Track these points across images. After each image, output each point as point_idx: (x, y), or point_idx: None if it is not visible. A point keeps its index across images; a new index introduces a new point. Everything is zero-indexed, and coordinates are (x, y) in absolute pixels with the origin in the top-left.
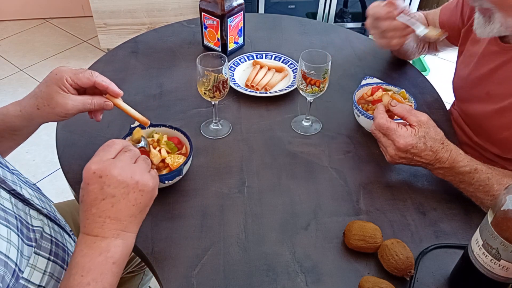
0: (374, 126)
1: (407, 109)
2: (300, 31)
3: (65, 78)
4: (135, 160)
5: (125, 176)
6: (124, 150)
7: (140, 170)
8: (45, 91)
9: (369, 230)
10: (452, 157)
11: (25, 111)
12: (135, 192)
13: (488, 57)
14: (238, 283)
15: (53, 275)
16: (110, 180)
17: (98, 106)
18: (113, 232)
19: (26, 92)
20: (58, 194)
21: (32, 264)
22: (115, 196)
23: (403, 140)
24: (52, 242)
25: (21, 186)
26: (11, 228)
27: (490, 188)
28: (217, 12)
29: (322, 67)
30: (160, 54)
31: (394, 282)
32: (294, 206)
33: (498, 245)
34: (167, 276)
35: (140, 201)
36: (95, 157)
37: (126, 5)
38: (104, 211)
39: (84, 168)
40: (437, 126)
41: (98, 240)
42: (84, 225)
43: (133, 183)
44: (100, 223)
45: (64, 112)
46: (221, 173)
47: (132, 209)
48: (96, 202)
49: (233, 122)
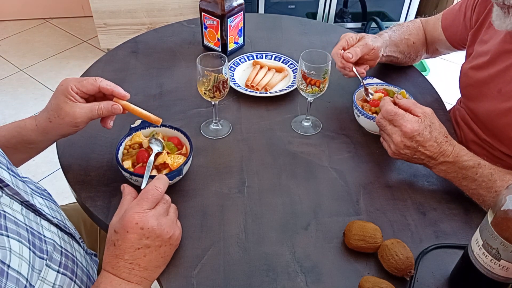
0: (380, 115)
1: (412, 102)
2: (300, 31)
3: (70, 87)
4: (167, 212)
5: (162, 231)
6: (163, 202)
7: (173, 223)
8: (54, 103)
9: (369, 230)
10: (456, 151)
11: (40, 125)
12: (166, 245)
13: (502, 55)
14: (238, 283)
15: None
16: (149, 233)
17: (106, 110)
18: (138, 279)
19: (26, 92)
20: (58, 194)
21: (42, 277)
22: (150, 247)
23: (410, 124)
24: (62, 254)
25: (32, 196)
26: (23, 243)
27: (493, 184)
28: (217, 12)
29: (322, 67)
30: (160, 54)
31: (394, 282)
32: (294, 206)
33: (498, 245)
34: (167, 276)
35: (167, 254)
36: (137, 207)
37: (126, 5)
38: (136, 259)
39: (125, 215)
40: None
41: (123, 283)
42: (112, 267)
43: (167, 238)
44: (129, 268)
45: (73, 121)
46: (221, 173)
47: (160, 261)
48: (131, 250)
49: (233, 122)
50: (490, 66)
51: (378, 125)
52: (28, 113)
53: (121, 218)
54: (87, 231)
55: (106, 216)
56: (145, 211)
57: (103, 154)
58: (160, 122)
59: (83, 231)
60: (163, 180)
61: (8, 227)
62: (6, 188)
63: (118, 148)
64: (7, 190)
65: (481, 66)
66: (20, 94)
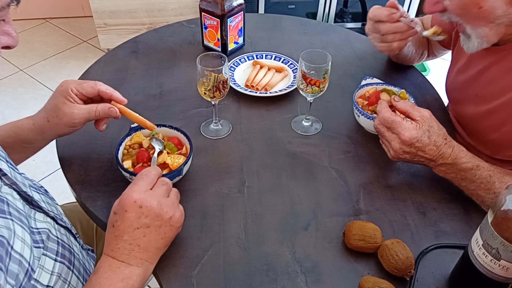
0: (377, 121)
1: (409, 104)
2: (300, 31)
3: (70, 88)
4: (168, 194)
5: (162, 210)
6: (162, 184)
7: (173, 205)
8: (53, 103)
9: (369, 230)
10: (455, 153)
11: (37, 124)
12: (167, 226)
13: (476, 58)
14: (238, 283)
15: (61, 275)
16: (148, 211)
17: (103, 112)
18: (138, 261)
19: (26, 92)
20: (58, 194)
21: (40, 265)
22: (149, 227)
23: (408, 133)
24: (58, 244)
25: (30, 188)
26: (25, 229)
27: (491, 186)
28: (217, 12)
29: (322, 67)
30: (160, 54)
31: (394, 282)
32: (294, 206)
33: (498, 245)
34: (167, 276)
35: (168, 235)
36: (135, 186)
37: (126, 5)
38: (136, 240)
39: (123, 195)
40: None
41: (123, 266)
42: (112, 249)
43: (167, 218)
44: (128, 250)
45: (71, 122)
46: (221, 173)
47: (160, 242)
48: (130, 229)
49: (233, 122)
50: (467, 69)
51: (376, 130)
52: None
53: (120, 198)
54: (83, 231)
55: (106, 216)
56: (143, 190)
57: (103, 154)
58: (154, 129)
59: (79, 231)
60: (156, 167)
61: (12, 213)
62: (4, 177)
63: (118, 148)
64: (5, 180)
65: (460, 70)
66: (20, 94)
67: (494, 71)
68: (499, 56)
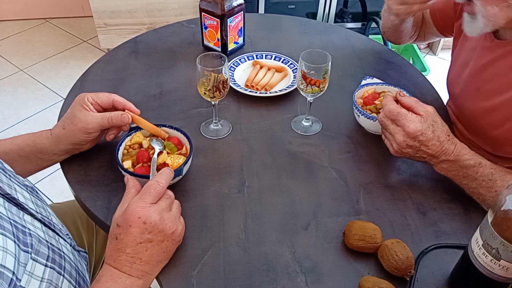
0: (382, 114)
1: (414, 100)
2: (300, 31)
3: (87, 97)
4: (170, 208)
5: (165, 225)
6: (166, 197)
7: (175, 219)
8: (69, 112)
9: (369, 230)
10: (458, 150)
11: (54, 133)
12: (169, 241)
13: (481, 53)
14: (238, 283)
15: (52, 281)
16: (152, 227)
17: (116, 118)
18: (140, 273)
19: (26, 92)
20: (58, 194)
21: (30, 272)
22: (152, 242)
23: (413, 125)
24: (49, 248)
25: (15, 189)
26: (7, 236)
27: (493, 184)
28: (217, 12)
29: (322, 67)
30: (160, 54)
31: (394, 282)
32: (294, 206)
33: (498, 245)
34: (167, 276)
35: (170, 249)
36: (140, 201)
37: (126, 5)
38: (138, 253)
39: (128, 209)
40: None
41: (124, 277)
42: (114, 260)
43: (169, 233)
44: (130, 262)
45: (85, 128)
46: (221, 173)
47: (161, 255)
48: (133, 244)
49: (233, 122)
50: (470, 63)
51: (380, 124)
52: (28, 113)
53: (124, 212)
54: (83, 227)
55: (106, 216)
56: (147, 206)
57: (103, 154)
58: (166, 136)
59: (79, 227)
60: (165, 175)
61: None
62: None
63: (118, 148)
64: None
65: (462, 64)
66: (20, 94)
67: (498, 66)
68: (504, 51)
